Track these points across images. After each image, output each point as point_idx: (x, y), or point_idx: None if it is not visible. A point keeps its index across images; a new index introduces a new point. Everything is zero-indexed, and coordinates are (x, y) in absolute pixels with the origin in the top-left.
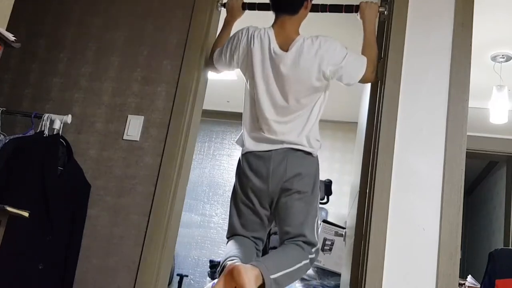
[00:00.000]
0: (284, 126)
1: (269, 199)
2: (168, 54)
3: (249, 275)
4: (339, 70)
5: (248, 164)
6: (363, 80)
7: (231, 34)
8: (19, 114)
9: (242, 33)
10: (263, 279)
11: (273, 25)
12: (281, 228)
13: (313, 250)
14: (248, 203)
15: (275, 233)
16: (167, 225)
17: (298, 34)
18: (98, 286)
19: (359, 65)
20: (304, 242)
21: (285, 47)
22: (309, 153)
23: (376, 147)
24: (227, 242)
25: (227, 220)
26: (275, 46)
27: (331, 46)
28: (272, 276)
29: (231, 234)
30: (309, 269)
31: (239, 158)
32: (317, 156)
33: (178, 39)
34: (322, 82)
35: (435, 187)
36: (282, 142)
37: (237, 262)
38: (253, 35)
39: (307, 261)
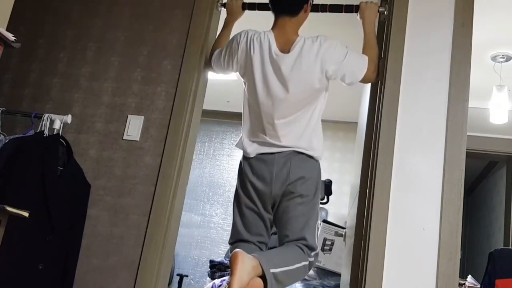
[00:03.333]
0: (285, 129)
1: (272, 202)
2: (168, 54)
3: (246, 262)
4: (341, 68)
5: (251, 168)
6: (364, 80)
7: (231, 35)
8: (19, 114)
9: (240, 37)
10: (262, 272)
11: (272, 28)
12: (282, 231)
13: (313, 253)
14: (253, 207)
15: (274, 233)
16: (167, 225)
17: (298, 35)
18: (98, 286)
19: (361, 64)
20: (304, 245)
21: (285, 49)
22: (312, 157)
23: (376, 147)
24: (230, 250)
25: (227, 220)
26: (275, 49)
27: (332, 45)
28: (272, 270)
29: (235, 239)
30: (307, 273)
31: (240, 162)
32: (319, 160)
33: (178, 39)
34: (322, 83)
35: (435, 187)
36: (284, 146)
37: (239, 250)
38: (253, 39)
39: (306, 263)
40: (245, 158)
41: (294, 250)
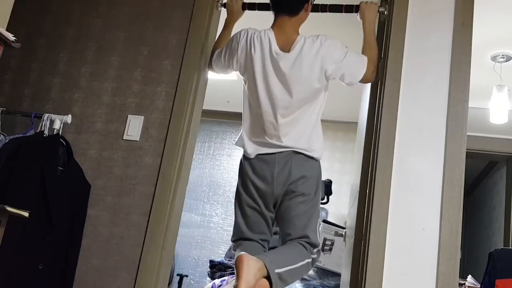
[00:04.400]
0: (286, 128)
1: (273, 201)
2: (168, 54)
3: (251, 265)
4: (340, 68)
5: (252, 168)
6: (363, 80)
7: (231, 34)
8: (19, 114)
9: (240, 35)
10: (267, 273)
11: (272, 26)
12: (284, 230)
13: (315, 250)
14: (254, 205)
15: (275, 233)
16: (167, 225)
17: (298, 34)
18: (98, 286)
19: (360, 64)
20: (307, 242)
21: (286, 48)
22: (312, 157)
23: (376, 147)
24: (234, 248)
25: (227, 220)
26: (276, 47)
27: (332, 44)
28: (277, 271)
29: (238, 237)
30: (310, 269)
31: (241, 161)
32: (319, 160)
33: (178, 39)
34: (322, 83)
35: (435, 187)
36: (284, 146)
37: (244, 253)
38: (253, 38)
39: (310, 260)
40: (246, 158)
41: (297, 249)
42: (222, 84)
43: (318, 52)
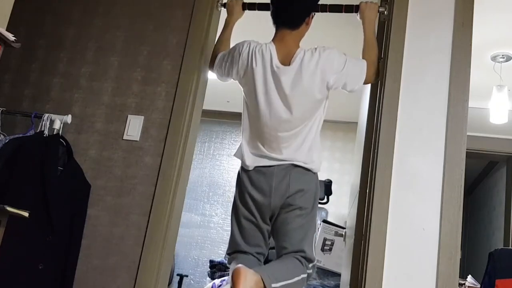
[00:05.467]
0: (285, 142)
1: (270, 213)
2: (168, 54)
3: (248, 278)
4: (341, 78)
5: (250, 180)
6: (365, 83)
7: (231, 35)
8: (19, 114)
9: (243, 47)
10: (264, 287)
11: (273, 40)
12: (280, 243)
13: (311, 265)
14: (251, 218)
15: (272, 248)
16: (167, 225)
17: (298, 47)
18: (98, 286)
19: (360, 70)
20: (303, 257)
21: (286, 61)
22: (310, 170)
23: (376, 147)
24: (229, 261)
25: (227, 220)
26: (276, 61)
27: (330, 55)
28: (274, 285)
29: (233, 250)
30: (304, 285)
31: (239, 172)
32: (317, 174)
33: (178, 39)
34: (323, 94)
35: (435, 187)
36: (283, 159)
37: (241, 265)
38: (255, 51)
39: (305, 275)
40: (244, 169)
41: (294, 263)
42: (222, 84)
43: (318, 64)
